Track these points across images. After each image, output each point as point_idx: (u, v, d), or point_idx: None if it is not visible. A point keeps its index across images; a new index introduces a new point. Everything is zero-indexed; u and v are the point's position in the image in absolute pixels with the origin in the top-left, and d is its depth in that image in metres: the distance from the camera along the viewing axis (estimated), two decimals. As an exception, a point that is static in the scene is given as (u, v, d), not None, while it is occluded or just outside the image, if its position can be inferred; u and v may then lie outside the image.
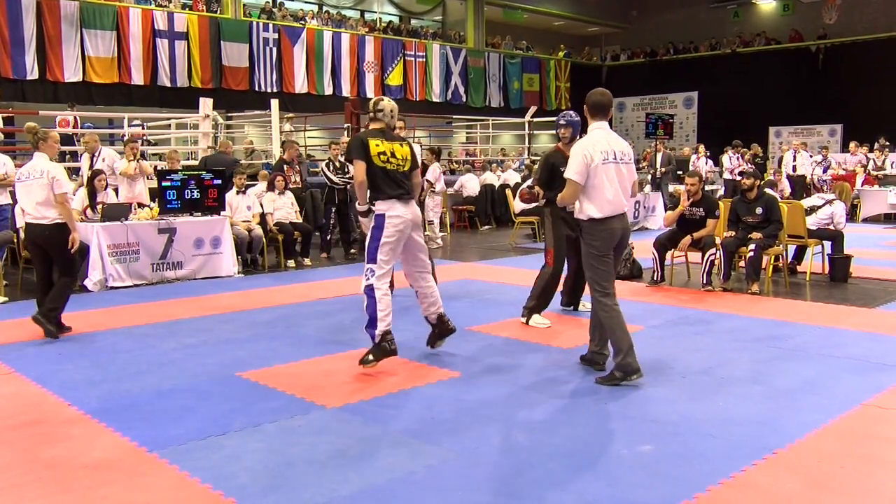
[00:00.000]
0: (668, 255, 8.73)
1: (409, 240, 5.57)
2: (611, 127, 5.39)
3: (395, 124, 5.74)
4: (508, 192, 15.20)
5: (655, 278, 8.74)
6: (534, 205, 6.88)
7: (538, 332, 6.55)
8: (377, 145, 5.45)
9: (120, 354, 5.96)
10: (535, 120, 20.27)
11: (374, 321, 5.36)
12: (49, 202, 6.39)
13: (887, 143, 20.78)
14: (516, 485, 3.55)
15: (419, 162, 5.89)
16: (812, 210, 9.17)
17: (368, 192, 5.47)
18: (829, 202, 9.23)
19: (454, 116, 24.79)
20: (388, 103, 5.67)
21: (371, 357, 5.37)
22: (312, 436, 4.19)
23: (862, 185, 17.27)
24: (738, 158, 18.23)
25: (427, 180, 11.91)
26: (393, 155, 5.49)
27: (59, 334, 6.47)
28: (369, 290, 5.38)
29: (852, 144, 19.52)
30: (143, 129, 15.77)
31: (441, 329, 5.87)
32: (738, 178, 14.18)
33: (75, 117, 14.85)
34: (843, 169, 18.54)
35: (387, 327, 5.38)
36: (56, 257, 6.56)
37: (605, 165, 5.10)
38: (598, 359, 5.45)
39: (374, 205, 5.45)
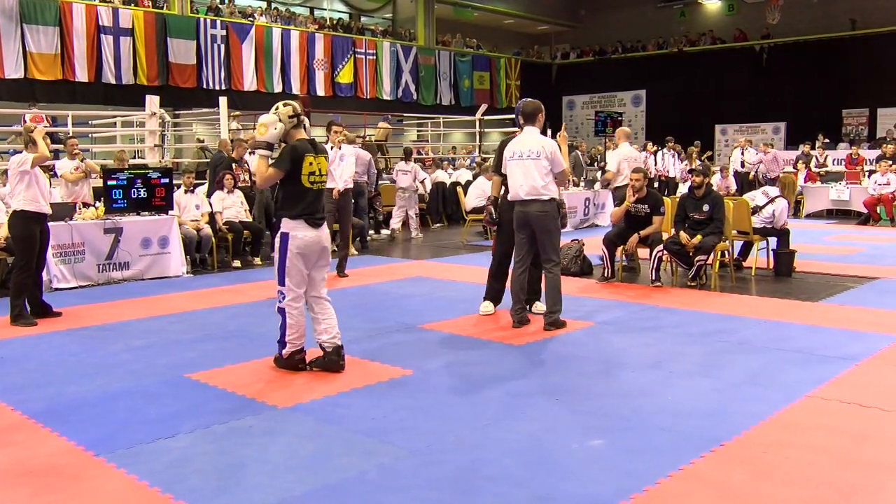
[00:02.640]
0: (618, 251, 8.83)
1: (314, 263, 5.28)
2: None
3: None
4: (460, 189, 15.24)
5: (605, 275, 8.83)
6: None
7: (490, 329, 6.58)
8: (310, 164, 5.14)
9: (65, 357, 5.83)
10: (486, 118, 20.34)
11: (283, 343, 5.30)
12: (10, 193, 6.96)
13: (828, 140, 21.32)
14: (469, 482, 3.56)
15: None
16: (756, 210, 9.34)
17: (281, 208, 5.25)
18: (772, 200, 9.41)
19: (405, 114, 24.76)
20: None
21: (280, 364, 5.36)
22: (264, 436, 4.15)
23: (805, 182, 17.68)
24: (673, 156, 18.45)
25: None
26: (320, 172, 5.21)
27: (34, 321, 6.92)
28: (281, 311, 5.25)
29: (762, 144, 19.84)
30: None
31: (328, 363, 5.32)
32: (688, 175, 14.38)
33: (45, 116, 14.57)
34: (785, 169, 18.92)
35: (295, 348, 5.30)
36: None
37: (510, 161, 6.56)
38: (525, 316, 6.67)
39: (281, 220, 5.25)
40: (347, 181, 9.27)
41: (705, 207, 8.53)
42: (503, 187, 6.92)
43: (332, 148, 8.96)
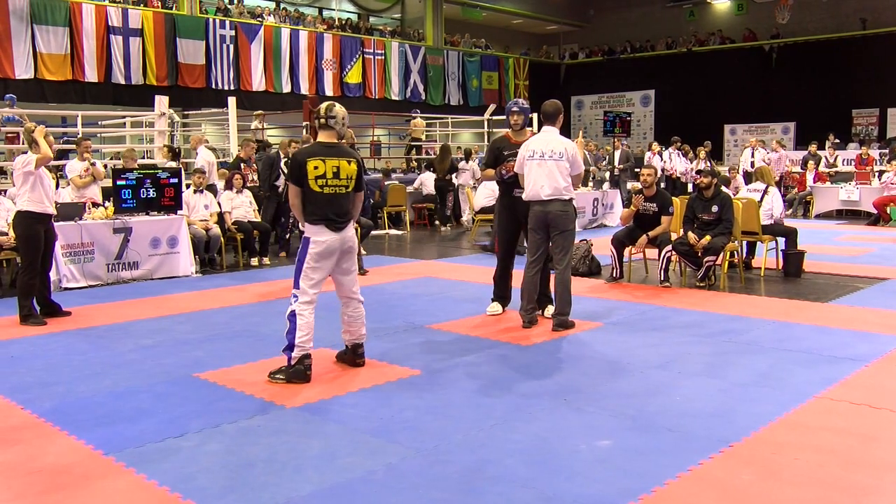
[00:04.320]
0: (626, 251, 8.82)
1: (337, 266, 5.23)
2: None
3: (345, 132, 5.38)
4: (469, 190, 15.23)
5: (614, 275, 8.82)
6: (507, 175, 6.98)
7: (497, 330, 6.58)
8: (316, 167, 5.07)
9: (74, 356, 5.85)
10: (495, 118, 20.31)
11: (291, 347, 5.09)
12: (17, 194, 7.08)
13: (837, 141, 21.23)
14: (476, 482, 3.56)
15: (363, 183, 5.48)
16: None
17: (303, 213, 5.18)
18: (765, 192, 9.40)
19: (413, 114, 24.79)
20: (340, 109, 5.24)
21: (281, 376, 5.11)
22: (272, 436, 4.16)
23: (814, 182, 17.61)
24: (679, 156, 18.41)
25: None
26: (336, 175, 5.11)
27: (44, 321, 6.97)
28: (291, 315, 5.09)
29: (774, 143, 19.81)
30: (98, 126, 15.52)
31: (351, 358, 5.51)
32: (696, 175, 14.35)
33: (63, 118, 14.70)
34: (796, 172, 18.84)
35: (304, 351, 5.09)
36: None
37: (529, 161, 6.55)
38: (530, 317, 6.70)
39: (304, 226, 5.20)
40: None
41: (714, 208, 8.51)
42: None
43: None
